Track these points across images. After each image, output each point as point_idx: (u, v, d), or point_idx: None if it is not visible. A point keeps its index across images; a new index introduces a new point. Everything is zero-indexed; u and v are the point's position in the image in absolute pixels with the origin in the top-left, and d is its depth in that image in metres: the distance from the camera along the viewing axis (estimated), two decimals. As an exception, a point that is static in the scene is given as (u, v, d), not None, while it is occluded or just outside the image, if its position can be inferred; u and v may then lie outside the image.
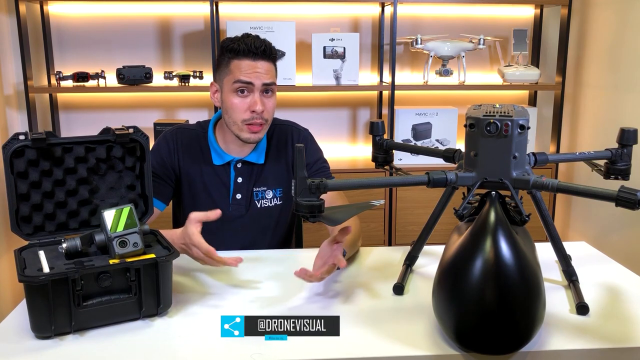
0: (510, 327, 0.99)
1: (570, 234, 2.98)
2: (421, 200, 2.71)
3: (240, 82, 1.52)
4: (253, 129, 1.55)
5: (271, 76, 1.55)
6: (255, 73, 1.52)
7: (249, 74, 1.52)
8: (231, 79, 1.53)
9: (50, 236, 1.26)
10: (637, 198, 1.00)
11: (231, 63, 1.54)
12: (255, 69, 1.52)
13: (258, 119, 1.54)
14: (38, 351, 1.07)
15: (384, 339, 1.09)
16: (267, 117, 1.57)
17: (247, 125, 1.54)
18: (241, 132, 1.56)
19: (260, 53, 1.52)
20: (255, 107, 1.52)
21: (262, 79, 1.53)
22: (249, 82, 1.52)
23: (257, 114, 1.53)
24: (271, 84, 1.55)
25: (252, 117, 1.53)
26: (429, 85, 2.77)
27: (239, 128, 1.56)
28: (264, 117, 1.55)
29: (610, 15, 2.59)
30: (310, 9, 2.85)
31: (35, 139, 1.19)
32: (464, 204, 1.16)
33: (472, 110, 1.18)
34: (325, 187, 1.06)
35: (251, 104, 1.53)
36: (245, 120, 1.54)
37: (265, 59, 1.54)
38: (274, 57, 1.57)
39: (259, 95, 1.54)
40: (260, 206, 1.66)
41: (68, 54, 2.79)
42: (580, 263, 1.44)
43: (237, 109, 1.54)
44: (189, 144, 1.65)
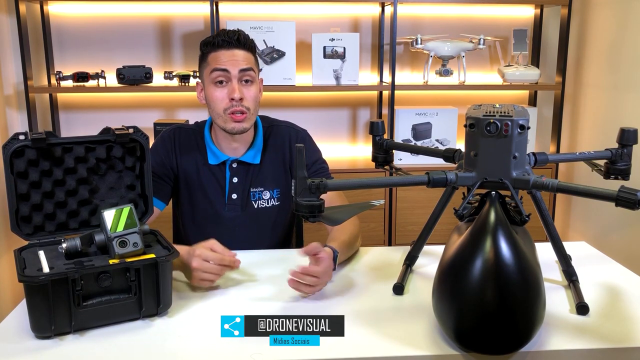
0: (510, 327, 0.99)
1: (570, 234, 2.98)
2: (421, 200, 2.71)
3: (217, 71, 1.54)
4: (235, 118, 1.54)
5: (248, 63, 1.56)
6: (231, 61, 1.53)
7: (224, 62, 1.53)
8: (209, 71, 1.55)
9: (50, 236, 1.26)
10: (637, 198, 1.00)
11: (208, 56, 1.57)
12: (230, 57, 1.54)
13: (238, 107, 1.54)
14: (38, 351, 1.07)
15: (384, 338, 1.09)
16: (249, 105, 1.56)
17: (229, 115, 1.54)
18: (225, 124, 1.56)
19: (235, 42, 1.54)
20: (233, 94, 1.53)
21: (238, 65, 1.53)
22: (224, 70, 1.53)
23: (236, 101, 1.53)
24: (248, 70, 1.55)
25: (232, 105, 1.53)
26: (429, 85, 2.77)
27: (222, 120, 1.56)
28: (245, 105, 1.55)
29: (610, 15, 2.59)
30: (310, 9, 2.85)
31: (35, 139, 1.19)
32: (463, 204, 1.16)
33: (472, 110, 1.18)
34: (325, 187, 1.06)
35: (229, 92, 1.53)
36: (225, 109, 1.54)
37: (240, 47, 1.55)
38: (250, 47, 1.58)
39: (237, 84, 1.54)
40: (258, 207, 1.66)
41: (68, 54, 2.79)
42: (580, 263, 1.44)
43: (216, 100, 1.55)
44: (186, 144, 1.65)
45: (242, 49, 1.56)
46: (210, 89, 1.56)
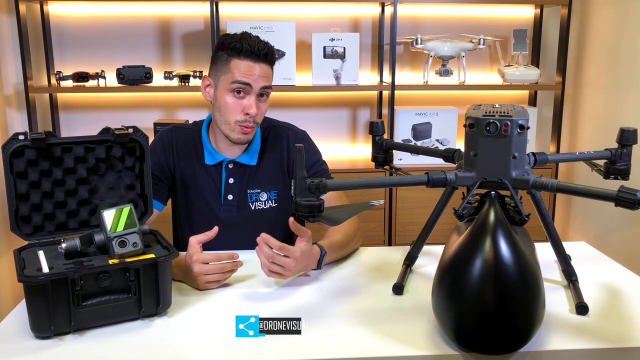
0: (510, 327, 0.99)
1: (570, 234, 2.98)
2: (421, 200, 2.71)
3: (239, 83, 1.51)
4: (245, 131, 1.55)
5: (268, 80, 1.55)
6: (253, 75, 1.51)
7: (248, 76, 1.51)
8: (229, 79, 1.52)
9: (49, 236, 1.26)
10: (636, 198, 1.00)
11: (231, 62, 1.52)
12: (255, 72, 1.51)
13: (250, 122, 1.54)
14: (37, 351, 1.07)
15: (384, 339, 1.09)
16: (258, 120, 1.57)
17: (240, 126, 1.54)
18: (232, 133, 1.55)
19: (262, 56, 1.52)
20: (250, 110, 1.52)
21: (260, 82, 1.52)
22: (247, 84, 1.51)
23: (251, 116, 1.53)
24: (268, 88, 1.55)
25: (246, 119, 1.53)
26: (429, 85, 2.77)
27: (230, 128, 1.55)
28: (256, 120, 1.55)
29: (610, 15, 2.59)
30: (310, 9, 2.85)
31: (34, 139, 1.19)
32: (463, 204, 1.16)
33: (472, 110, 1.18)
34: (325, 187, 1.06)
35: (246, 107, 1.52)
36: (238, 121, 1.53)
37: (265, 62, 1.53)
38: (274, 61, 1.57)
39: (255, 99, 1.53)
40: (255, 208, 1.65)
41: (68, 54, 2.79)
42: (579, 263, 1.44)
43: (231, 109, 1.53)
44: (184, 143, 1.65)
45: (267, 63, 1.54)
46: (226, 96, 1.53)
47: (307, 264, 1.36)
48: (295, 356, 1.04)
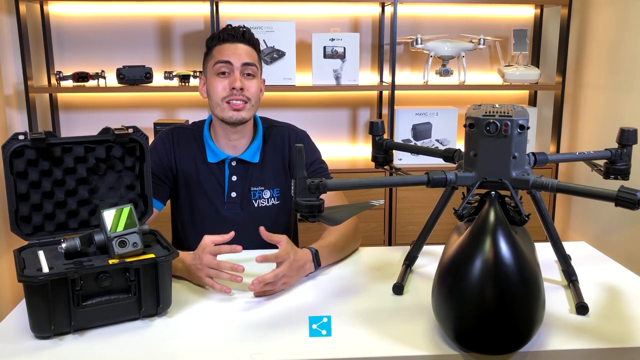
0: (510, 327, 0.99)
1: (570, 234, 2.98)
2: (421, 200, 2.71)
3: (220, 62, 1.56)
4: (234, 106, 1.56)
5: (251, 58, 1.59)
6: (235, 54, 1.56)
7: (228, 55, 1.56)
8: (212, 63, 1.58)
9: (49, 236, 1.26)
10: (636, 198, 1.00)
11: (213, 50, 1.60)
12: (235, 49, 1.57)
13: (238, 96, 1.56)
14: (37, 351, 1.07)
15: (384, 339, 1.09)
16: (249, 95, 1.57)
17: (228, 103, 1.56)
18: (223, 112, 1.57)
19: (240, 36, 1.58)
20: (234, 84, 1.55)
21: (241, 59, 1.56)
22: (227, 61, 1.56)
23: (237, 90, 1.55)
24: (251, 64, 1.58)
25: (232, 93, 1.56)
26: (429, 85, 2.77)
27: (220, 109, 1.57)
28: (245, 95, 1.57)
29: (610, 15, 2.59)
30: (310, 9, 2.85)
31: (34, 139, 1.19)
32: (463, 204, 1.16)
33: (472, 110, 1.18)
34: (325, 187, 1.06)
35: (231, 82, 1.56)
36: (224, 97, 1.56)
37: (244, 42, 1.59)
38: (254, 43, 1.62)
39: (239, 75, 1.56)
40: (258, 206, 1.66)
41: (68, 54, 2.79)
42: (580, 263, 1.44)
43: (217, 88, 1.57)
44: (185, 143, 1.66)
45: (247, 44, 1.59)
46: (212, 79, 1.58)
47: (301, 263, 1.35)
48: (296, 356, 1.04)
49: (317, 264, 1.40)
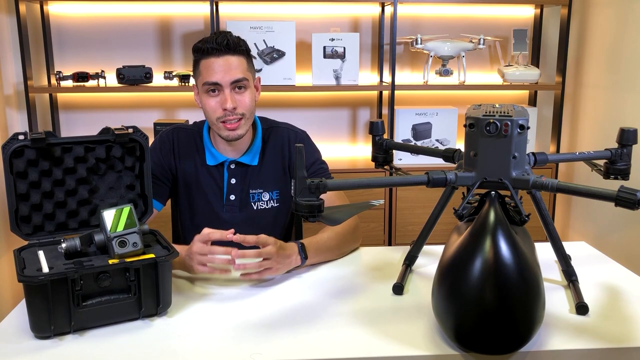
0: (510, 327, 0.99)
1: (570, 234, 2.98)
2: (421, 200, 2.71)
3: (208, 84, 1.51)
4: (229, 127, 1.54)
5: (241, 71, 1.52)
6: (221, 72, 1.50)
7: (216, 73, 1.50)
8: (201, 81, 1.54)
9: (49, 236, 1.26)
10: (636, 198, 1.00)
11: (200, 63, 1.53)
12: (222, 67, 1.50)
13: (231, 116, 1.53)
14: (37, 351, 1.07)
15: (384, 338, 1.09)
16: (243, 111, 1.54)
17: (222, 123, 1.54)
18: (220, 131, 1.56)
19: (224, 48, 1.49)
20: (225, 104, 1.51)
21: (230, 75, 1.50)
22: (214, 83, 1.51)
23: (229, 111, 1.52)
24: (240, 79, 1.52)
25: (225, 114, 1.52)
26: (429, 85, 2.77)
27: (217, 127, 1.56)
28: (239, 112, 1.53)
29: (610, 15, 2.59)
30: (310, 9, 2.85)
31: (34, 138, 1.19)
32: (463, 203, 1.16)
33: (472, 110, 1.18)
34: (325, 187, 1.06)
35: (222, 102, 1.52)
36: (219, 118, 1.54)
37: (230, 53, 1.51)
38: (242, 50, 1.54)
39: (230, 92, 1.51)
40: (257, 208, 1.66)
41: (68, 54, 2.79)
42: (580, 263, 1.44)
43: (210, 109, 1.54)
44: (185, 144, 1.65)
45: (233, 54, 1.51)
46: (203, 97, 1.55)
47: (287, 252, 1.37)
48: (295, 356, 1.04)
49: (303, 257, 1.41)
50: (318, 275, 1.42)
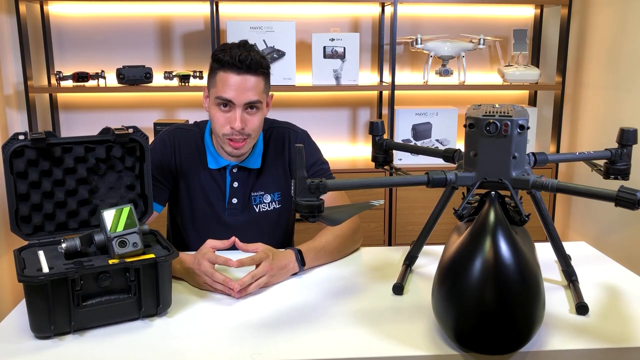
0: (510, 327, 0.99)
1: (570, 234, 2.98)
2: (421, 200, 2.71)
3: (221, 99, 1.48)
4: (233, 145, 1.52)
5: (257, 93, 1.49)
6: (237, 91, 1.46)
7: (232, 91, 1.46)
8: (214, 92, 1.50)
9: (49, 236, 1.26)
10: (636, 198, 1.00)
11: (217, 74, 1.49)
12: (239, 85, 1.46)
13: (237, 135, 1.50)
14: (38, 351, 1.07)
15: (384, 338, 1.09)
16: (250, 132, 1.52)
17: (228, 139, 1.52)
18: (224, 145, 1.54)
19: (246, 67, 1.45)
20: (234, 124, 1.48)
21: (245, 96, 1.47)
22: (229, 100, 1.48)
23: (236, 130, 1.49)
24: (255, 102, 1.49)
25: (232, 132, 1.50)
26: (429, 85, 2.77)
27: (221, 140, 1.54)
28: (246, 132, 1.51)
29: (610, 15, 2.59)
30: (310, 9, 2.85)
31: (34, 139, 1.19)
32: (463, 204, 1.16)
33: (472, 110, 1.18)
34: (325, 187, 1.06)
35: (231, 120, 1.49)
36: (225, 134, 1.51)
37: (250, 73, 1.47)
38: (263, 71, 1.50)
39: (241, 112, 1.48)
40: (259, 210, 1.65)
41: (68, 54, 2.79)
42: (580, 263, 1.44)
43: (217, 123, 1.51)
44: (187, 146, 1.63)
45: (253, 74, 1.47)
46: (213, 109, 1.52)
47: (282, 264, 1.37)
48: (295, 356, 1.04)
49: (301, 264, 1.41)
50: (318, 276, 1.42)
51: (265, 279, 1.32)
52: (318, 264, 1.47)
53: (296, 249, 1.42)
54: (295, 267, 1.40)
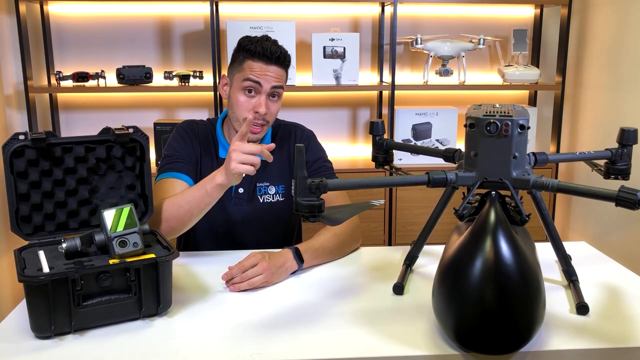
0: (510, 327, 0.99)
1: (570, 234, 2.98)
2: (421, 200, 2.71)
3: (250, 81, 1.55)
4: (254, 130, 1.58)
5: (280, 80, 1.60)
6: (265, 76, 1.56)
7: (259, 75, 1.55)
8: (241, 77, 1.57)
9: (50, 236, 1.26)
10: (637, 198, 1.00)
11: (245, 62, 1.57)
12: (266, 72, 1.56)
13: (260, 120, 1.57)
14: (38, 351, 1.07)
15: (384, 338, 1.09)
16: (269, 119, 1.60)
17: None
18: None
19: (275, 59, 1.57)
20: (259, 108, 1.56)
21: (271, 81, 1.57)
22: (257, 82, 1.55)
23: (260, 115, 1.56)
24: (279, 87, 1.59)
25: (255, 117, 1.56)
26: (429, 85, 2.77)
27: (240, 124, 1.59)
28: (266, 118, 1.59)
29: (610, 15, 2.60)
30: (310, 9, 2.85)
31: (35, 138, 1.19)
32: (463, 203, 1.16)
33: (472, 110, 1.18)
34: (325, 187, 1.06)
35: (256, 105, 1.56)
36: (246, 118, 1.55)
37: (278, 64, 1.58)
38: (287, 65, 1.63)
39: (265, 98, 1.57)
40: (263, 201, 1.68)
41: (68, 54, 2.79)
42: (580, 263, 1.44)
43: (241, 107, 1.57)
44: (203, 136, 1.69)
45: (279, 66, 1.59)
46: (238, 93, 1.58)
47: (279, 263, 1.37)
48: (295, 356, 1.04)
49: (299, 261, 1.41)
50: (318, 275, 1.42)
51: (263, 278, 1.32)
52: (317, 262, 1.47)
53: (293, 247, 1.43)
54: (294, 264, 1.40)
